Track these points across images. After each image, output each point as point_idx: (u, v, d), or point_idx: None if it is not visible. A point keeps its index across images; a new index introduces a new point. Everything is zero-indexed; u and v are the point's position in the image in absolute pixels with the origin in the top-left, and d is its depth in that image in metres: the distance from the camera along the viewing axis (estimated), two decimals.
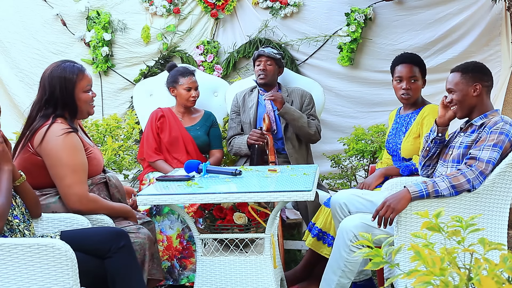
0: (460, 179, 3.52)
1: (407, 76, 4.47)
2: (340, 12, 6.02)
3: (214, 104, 5.64)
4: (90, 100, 3.84)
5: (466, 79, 3.73)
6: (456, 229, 1.93)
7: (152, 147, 5.03)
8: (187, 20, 6.27)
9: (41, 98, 3.79)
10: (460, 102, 3.74)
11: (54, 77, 3.76)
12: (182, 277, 4.47)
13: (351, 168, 5.72)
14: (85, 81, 3.79)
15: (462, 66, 3.81)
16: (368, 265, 1.90)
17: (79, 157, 3.69)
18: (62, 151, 3.63)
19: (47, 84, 3.77)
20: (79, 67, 3.82)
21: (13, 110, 6.43)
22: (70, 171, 3.64)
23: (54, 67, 3.80)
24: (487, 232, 3.59)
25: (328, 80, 6.12)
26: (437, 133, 3.87)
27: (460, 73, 3.76)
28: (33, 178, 3.63)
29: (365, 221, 3.78)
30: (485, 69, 3.82)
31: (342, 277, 3.84)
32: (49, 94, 3.76)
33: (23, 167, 3.65)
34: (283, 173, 4.01)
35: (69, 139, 3.66)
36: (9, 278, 3.03)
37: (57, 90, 3.74)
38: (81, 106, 3.80)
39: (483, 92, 3.74)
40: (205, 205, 3.89)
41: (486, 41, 5.93)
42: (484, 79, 3.76)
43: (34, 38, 6.38)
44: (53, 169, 3.66)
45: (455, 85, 3.75)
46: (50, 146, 3.64)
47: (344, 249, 3.78)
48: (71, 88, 3.75)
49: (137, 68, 6.32)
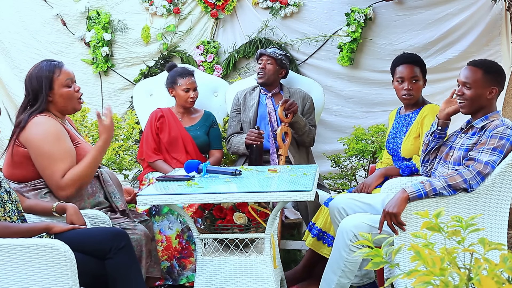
0: (456, 179, 3.51)
1: (409, 77, 4.46)
2: (340, 12, 6.01)
3: (214, 104, 5.63)
4: (73, 95, 3.86)
5: (486, 79, 3.66)
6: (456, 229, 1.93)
7: (152, 147, 5.03)
8: (187, 20, 6.27)
9: (26, 100, 3.86)
10: (472, 100, 3.68)
11: (33, 77, 3.82)
12: (181, 277, 4.47)
13: (351, 168, 5.72)
14: (63, 75, 3.84)
15: (485, 64, 3.72)
16: (368, 265, 1.89)
17: (60, 145, 3.72)
18: (43, 141, 3.68)
19: (29, 85, 3.84)
20: (55, 63, 3.87)
21: (14, 110, 6.43)
22: (50, 160, 3.68)
23: (33, 68, 3.88)
24: (487, 232, 3.59)
25: (328, 80, 6.11)
26: (437, 126, 3.86)
27: (482, 71, 3.67)
28: (22, 170, 3.73)
29: (365, 221, 3.77)
30: (503, 73, 3.76)
31: (342, 277, 3.83)
32: (32, 94, 3.82)
33: (13, 161, 3.74)
34: (283, 173, 4.01)
35: (50, 128, 3.71)
36: (9, 278, 3.03)
37: (37, 89, 3.79)
38: (64, 102, 3.83)
39: (496, 96, 3.71)
40: (205, 205, 3.89)
41: (486, 41, 5.92)
42: (502, 84, 3.72)
43: (34, 38, 6.38)
44: (36, 160, 3.71)
45: (473, 81, 3.66)
46: (32, 136, 3.70)
47: (344, 249, 3.77)
48: (49, 85, 3.79)
49: (137, 68, 6.31)
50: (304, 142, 5.14)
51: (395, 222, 3.49)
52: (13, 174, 3.78)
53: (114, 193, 3.95)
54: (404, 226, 3.49)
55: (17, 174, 3.77)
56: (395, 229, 3.51)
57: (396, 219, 3.48)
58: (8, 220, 3.30)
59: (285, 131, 4.91)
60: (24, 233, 3.25)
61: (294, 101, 4.92)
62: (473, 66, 3.71)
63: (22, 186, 3.75)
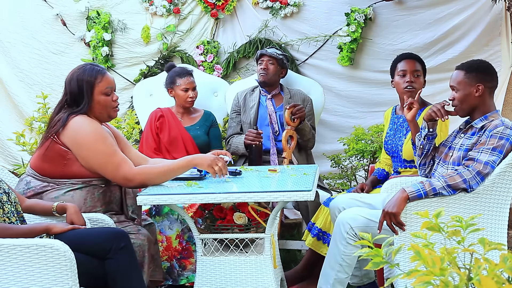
0: (456, 179, 3.51)
1: (411, 70, 4.44)
2: (340, 12, 6.01)
3: (214, 104, 5.63)
4: (110, 104, 3.85)
5: (469, 78, 3.70)
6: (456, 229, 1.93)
7: (151, 147, 5.03)
8: (187, 20, 6.27)
9: (63, 100, 3.86)
10: (461, 102, 3.72)
11: (74, 79, 3.81)
12: (181, 278, 4.47)
13: (351, 168, 5.72)
14: (104, 83, 3.82)
15: (467, 65, 3.78)
16: (368, 265, 1.89)
17: (109, 141, 3.75)
18: (94, 140, 3.71)
19: (68, 86, 3.82)
20: (99, 69, 3.84)
21: (13, 110, 6.44)
22: (107, 156, 3.71)
23: (75, 70, 3.85)
24: (487, 232, 3.59)
25: (328, 80, 6.11)
26: (428, 129, 3.86)
27: (464, 72, 3.72)
28: (52, 166, 3.74)
29: (361, 214, 3.78)
30: (490, 69, 3.79)
31: (340, 272, 3.83)
32: (70, 96, 3.81)
33: (45, 155, 3.74)
34: (283, 173, 4.01)
35: (96, 127, 3.75)
36: (8, 278, 3.03)
37: (77, 92, 3.78)
38: (100, 109, 3.83)
39: (485, 92, 3.71)
40: (205, 205, 3.89)
41: (486, 41, 5.92)
42: (488, 80, 3.73)
43: (34, 38, 6.38)
44: (91, 159, 3.73)
45: (458, 83, 3.72)
46: (81, 138, 3.71)
47: (341, 242, 3.78)
48: (90, 90, 3.78)
49: (137, 68, 6.32)
50: (307, 146, 5.16)
51: (395, 222, 3.49)
52: (41, 168, 3.77)
53: (133, 207, 3.95)
54: (403, 226, 3.49)
55: (45, 169, 3.76)
56: (395, 229, 3.51)
57: (396, 219, 3.48)
58: (7, 221, 3.30)
59: (290, 135, 4.91)
60: (23, 235, 3.23)
61: (302, 107, 4.91)
62: (457, 69, 3.80)
63: (45, 184, 3.76)
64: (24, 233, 3.27)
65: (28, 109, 6.25)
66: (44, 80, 6.38)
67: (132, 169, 3.73)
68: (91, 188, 3.79)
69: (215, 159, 3.73)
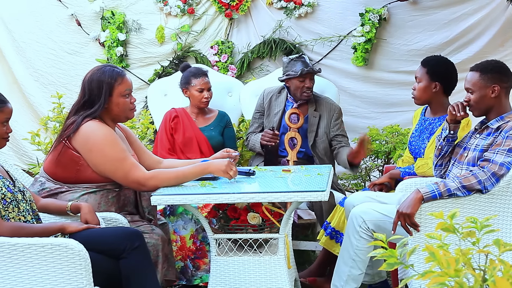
0: (471, 180, 3.50)
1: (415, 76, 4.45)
2: (355, 12, 6.00)
3: (229, 105, 5.63)
4: (128, 106, 3.86)
5: (484, 79, 3.67)
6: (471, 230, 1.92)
7: (166, 148, 5.04)
8: (202, 20, 6.28)
9: (80, 100, 3.85)
10: (477, 103, 3.70)
11: (94, 80, 3.81)
12: (195, 278, 4.47)
13: (365, 168, 5.71)
14: (123, 85, 3.82)
15: (481, 66, 3.75)
16: (382, 266, 1.89)
17: (119, 147, 3.75)
18: (104, 146, 3.70)
19: (87, 87, 3.82)
20: (118, 71, 3.85)
21: (28, 109, 6.47)
22: (117, 162, 3.71)
23: (94, 71, 3.85)
24: (502, 233, 3.57)
25: (342, 80, 6.10)
26: (449, 131, 3.84)
27: (479, 73, 3.70)
28: (65, 171, 3.75)
29: (374, 208, 3.79)
30: (505, 69, 3.76)
31: (353, 268, 3.83)
32: (88, 96, 3.81)
33: (57, 160, 3.75)
34: (297, 174, 4.00)
35: (107, 132, 3.74)
36: (23, 277, 3.05)
37: (96, 93, 3.78)
38: (118, 111, 3.83)
39: (501, 93, 3.68)
40: (219, 205, 3.90)
41: (501, 42, 5.89)
42: (504, 80, 3.70)
43: (49, 38, 6.41)
44: (101, 165, 3.73)
45: (473, 85, 3.70)
46: (91, 144, 3.71)
47: (354, 235, 3.78)
48: (109, 92, 3.79)
49: (151, 68, 6.33)
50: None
51: (409, 222, 3.48)
52: (55, 172, 3.79)
53: (149, 208, 3.95)
54: (418, 227, 3.48)
55: (58, 173, 3.78)
56: (409, 230, 3.51)
57: (410, 220, 3.47)
58: (23, 220, 3.32)
59: (292, 136, 4.89)
60: (38, 234, 3.25)
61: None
62: (471, 70, 3.76)
63: (59, 186, 3.78)
64: (38, 232, 3.29)
65: (43, 108, 6.28)
66: (59, 80, 6.40)
67: (144, 173, 3.74)
68: (105, 192, 3.81)
69: (228, 164, 3.73)
